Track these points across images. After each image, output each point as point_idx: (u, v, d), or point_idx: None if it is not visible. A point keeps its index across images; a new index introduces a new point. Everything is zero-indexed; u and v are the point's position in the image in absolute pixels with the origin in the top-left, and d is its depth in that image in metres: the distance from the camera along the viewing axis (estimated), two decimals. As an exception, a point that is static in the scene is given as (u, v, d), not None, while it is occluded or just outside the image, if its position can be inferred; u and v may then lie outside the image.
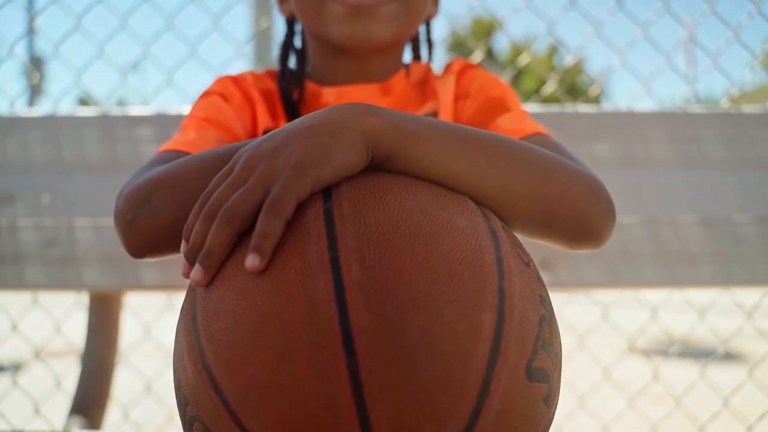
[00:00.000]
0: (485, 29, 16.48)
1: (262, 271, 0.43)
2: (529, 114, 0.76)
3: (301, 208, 0.45)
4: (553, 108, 1.18)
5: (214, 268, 0.45)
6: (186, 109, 1.17)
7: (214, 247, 0.45)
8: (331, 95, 0.78)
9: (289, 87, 0.80)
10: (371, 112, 0.49)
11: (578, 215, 0.56)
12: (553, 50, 16.54)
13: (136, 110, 1.19)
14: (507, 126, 0.72)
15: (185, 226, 0.49)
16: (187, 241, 0.48)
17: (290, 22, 0.85)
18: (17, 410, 1.64)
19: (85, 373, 1.17)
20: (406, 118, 0.50)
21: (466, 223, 0.46)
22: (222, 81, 0.80)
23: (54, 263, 1.14)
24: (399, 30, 0.75)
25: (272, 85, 0.82)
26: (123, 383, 1.36)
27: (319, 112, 0.50)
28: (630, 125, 1.17)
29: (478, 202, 0.51)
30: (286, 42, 0.85)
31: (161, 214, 0.56)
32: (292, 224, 0.45)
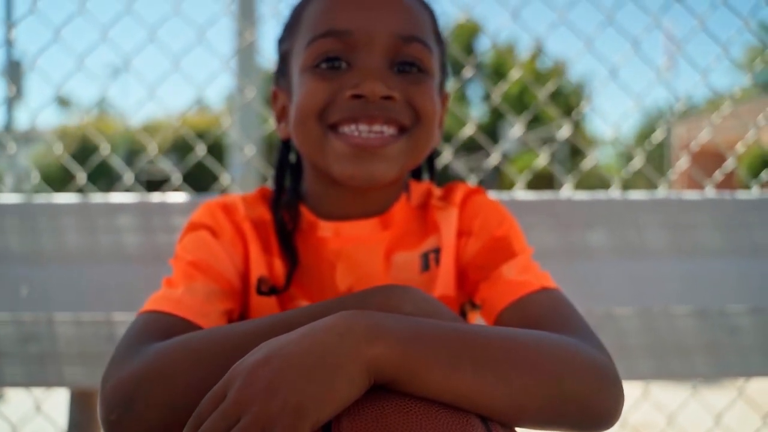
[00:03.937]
0: (468, 33, 16.47)
1: None
2: (533, 253, 0.74)
3: None
4: (547, 195, 1.16)
5: None
6: (170, 199, 1.13)
7: None
8: (328, 230, 0.75)
9: (284, 216, 0.77)
10: (373, 335, 0.47)
11: (589, 412, 0.54)
12: (536, 54, 16.58)
13: (116, 198, 1.15)
14: (512, 277, 0.69)
15: None
16: None
17: (286, 142, 0.82)
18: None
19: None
20: (412, 337, 0.48)
21: None
22: (211, 211, 0.76)
23: (33, 360, 1.10)
24: (404, 168, 0.73)
25: (265, 213, 0.78)
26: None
27: (315, 329, 0.48)
28: (624, 212, 1.15)
29: (485, 416, 0.49)
30: (281, 161, 0.82)
31: (149, 417, 0.53)
32: None
